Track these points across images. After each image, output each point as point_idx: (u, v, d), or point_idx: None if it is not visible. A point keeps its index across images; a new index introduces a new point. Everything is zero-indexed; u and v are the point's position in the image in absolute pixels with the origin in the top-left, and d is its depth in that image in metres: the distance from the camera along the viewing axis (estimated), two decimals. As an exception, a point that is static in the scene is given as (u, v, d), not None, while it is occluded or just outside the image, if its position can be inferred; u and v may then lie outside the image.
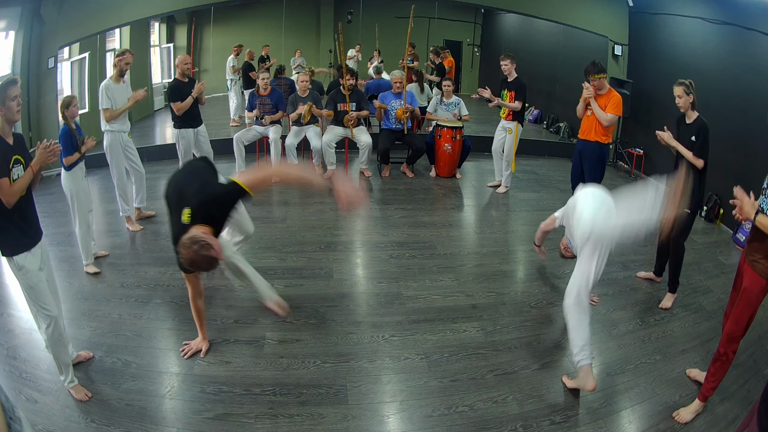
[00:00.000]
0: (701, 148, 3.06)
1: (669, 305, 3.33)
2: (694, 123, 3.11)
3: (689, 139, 3.10)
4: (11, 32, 5.09)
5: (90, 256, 3.48)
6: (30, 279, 2.19)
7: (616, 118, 4.09)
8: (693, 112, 3.14)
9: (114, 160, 4.03)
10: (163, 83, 8.37)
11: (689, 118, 3.16)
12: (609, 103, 4.05)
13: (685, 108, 3.13)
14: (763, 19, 4.40)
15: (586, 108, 4.21)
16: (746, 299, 2.19)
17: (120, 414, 2.24)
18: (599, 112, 4.07)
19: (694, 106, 3.13)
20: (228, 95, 7.90)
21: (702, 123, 3.08)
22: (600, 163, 4.28)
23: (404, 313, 3.09)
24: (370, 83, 6.66)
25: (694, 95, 3.10)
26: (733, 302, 2.36)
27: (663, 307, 3.32)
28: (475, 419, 2.30)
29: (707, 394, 2.33)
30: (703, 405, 2.35)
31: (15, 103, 2.10)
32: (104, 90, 3.89)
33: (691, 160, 3.08)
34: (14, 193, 2.08)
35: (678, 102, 3.12)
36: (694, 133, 3.08)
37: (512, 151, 5.24)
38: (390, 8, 8.35)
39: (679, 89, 3.09)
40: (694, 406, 2.35)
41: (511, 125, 5.16)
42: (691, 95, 3.08)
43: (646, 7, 6.22)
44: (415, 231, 4.30)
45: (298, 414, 2.28)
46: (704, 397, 2.34)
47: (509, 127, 5.17)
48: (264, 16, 8.58)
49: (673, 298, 3.36)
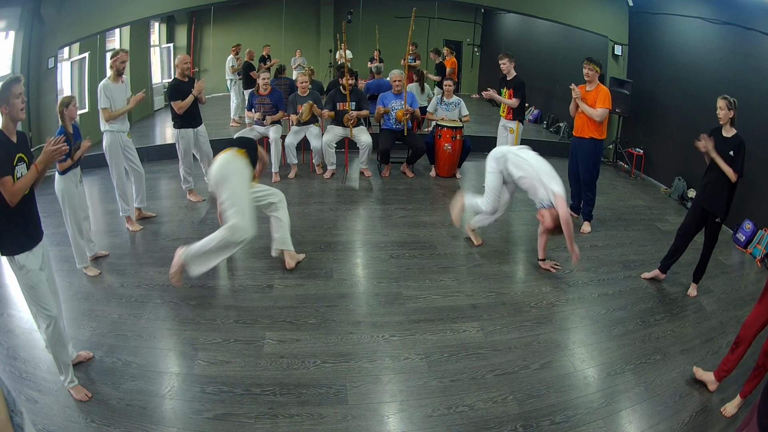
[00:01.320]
0: (741, 165, 3.14)
1: (695, 293, 3.49)
2: (733, 138, 3.17)
3: (727, 153, 3.15)
4: (11, 32, 5.09)
5: (85, 259, 3.46)
6: (31, 279, 2.19)
7: (606, 112, 4.20)
8: (731, 128, 3.18)
9: (113, 160, 4.03)
10: (163, 83, 8.38)
11: (727, 132, 3.20)
12: (597, 98, 4.18)
13: (725, 122, 3.17)
14: (763, 19, 4.40)
15: (577, 107, 4.32)
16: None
17: (120, 414, 2.24)
18: (589, 110, 4.21)
19: (733, 123, 3.18)
20: (228, 95, 7.91)
21: (741, 140, 3.15)
22: (594, 159, 4.38)
23: (404, 313, 3.09)
24: (370, 83, 6.66)
25: (735, 113, 3.14)
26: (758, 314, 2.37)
27: (690, 295, 3.49)
28: (475, 419, 2.30)
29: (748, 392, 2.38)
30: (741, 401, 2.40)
31: (19, 100, 2.10)
32: (103, 89, 3.89)
33: (730, 175, 3.13)
34: (17, 192, 2.07)
35: (719, 113, 3.17)
36: (733, 147, 3.13)
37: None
38: (390, 8, 8.37)
39: (722, 102, 3.15)
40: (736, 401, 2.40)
41: (512, 124, 5.16)
42: (732, 111, 3.13)
43: (646, 7, 6.22)
44: (415, 231, 4.30)
45: (298, 414, 2.28)
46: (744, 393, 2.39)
47: (511, 127, 5.17)
48: (264, 16, 8.59)
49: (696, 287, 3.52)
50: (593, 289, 3.49)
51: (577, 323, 3.12)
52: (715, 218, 3.27)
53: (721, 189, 3.20)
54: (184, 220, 4.43)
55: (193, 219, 4.47)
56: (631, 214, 5.01)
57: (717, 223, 3.29)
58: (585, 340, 2.95)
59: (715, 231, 3.33)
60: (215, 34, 8.46)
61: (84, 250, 3.46)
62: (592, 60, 4.25)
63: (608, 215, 4.87)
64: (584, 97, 4.26)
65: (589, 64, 4.22)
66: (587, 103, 4.23)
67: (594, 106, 4.19)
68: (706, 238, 3.38)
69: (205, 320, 2.95)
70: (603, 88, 4.22)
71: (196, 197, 4.87)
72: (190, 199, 4.86)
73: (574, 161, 4.50)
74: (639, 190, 5.79)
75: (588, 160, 4.37)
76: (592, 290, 3.48)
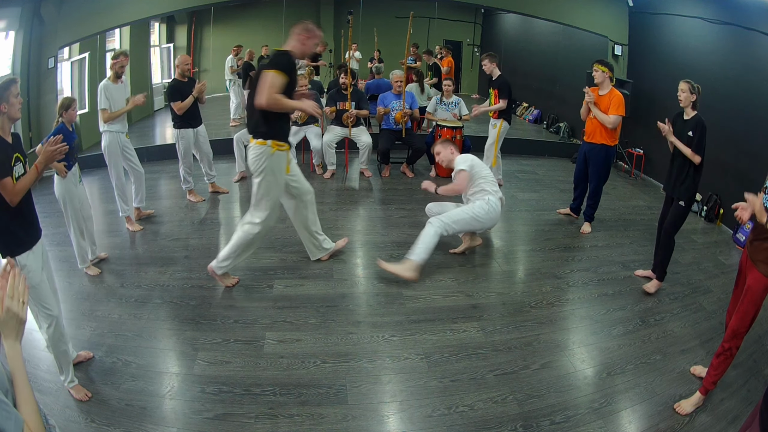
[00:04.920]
0: (698, 145, 3.11)
1: (653, 291, 3.42)
2: (692, 119, 3.16)
3: (686, 135, 3.15)
4: (11, 32, 5.08)
5: (86, 260, 3.46)
6: (32, 278, 2.19)
7: (620, 119, 4.06)
8: (692, 111, 3.18)
9: (112, 161, 4.03)
10: (163, 83, 8.37)
11: (687, 114, 3.20)
12: (611, 104, 4.04)
13: (686, 104, 3.17)
14: (763, 19, 4.40)
15: (589, 111, 4.20)
16: (751, 298, 2.22)
17: (120, 414, 2.24)
18: (602, 116, 4.07)
19: (695, 106, 3.17)
20: (228, 95, 7.90)
21: (700, 120, 3.13)
22: (606, 165, 4.28)
23: (404, 313, 3.09)
24: (370, 83, 6.66)
25: (698, 97, 3.14)
26: (735, 300, 2.40)
27: (647, 290, 3.42)
28: (475, 419, 2.29)
29: (709, 388, 2.36)
30: (703, 398, 2.38)
31: (18, 100, 2.12)
32: (102, 90, 3.89)
33: (689, 156, 3.12)
34: (18, 192, 2.09)
35: (680, 96, 3.16)
36: (692, 128, 3.12)
37: (493, 146, 5.23)
38: (390, 8, 8.35)
39: (684, 85, 3.15)
40: (694, 398, 2.38)
41: (497, 122, 5.16)
42: (694, 95, 3.13)
43: (646, 7, 6.22)
44: (415, 231, 4.26)
45: (298, 414, 2.28)
46: (705, 390, 2.37)
47: (495, 123, 5.17)
48: (264, 16, 8.58)
49: (659, 285, 3.44)
50: (593, 289, 3.49)
51: (577, 323, 3.12)
52: (678, 199, 3.25)
53: (686, 174, 3.19)
54: (184, 220, 4.43)
55: (193, 219, 4.47)
56: (631, 214, 5.01)
57: (681, 207, 3.25)
58: (585, 340, 2.95)
59: (678, 213, 3.27)
60: (215, 34, 8.45)
61: (86, 251, 3.46)
62: (602, 62, 4.08)
63: (608, 215, 4.87)
64: (597, 102, 4.11)
65: (597, 65, 4.05)
66: (600, 109, 4.08)
67: (607, 112, 4.04)
68: (667, 221, 3.33)
69: (205, 320, 2.95)
70: (617, 93, 4.04)
71: (196, 197, 4.87)
72: (190, 199, 4.86)
73: (582, 166, 4.40)
74: (639, 190, 5.79)
75: (600, 166, 4.24)
76: (592, 290, 3.48)
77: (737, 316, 2.25)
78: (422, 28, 8.45)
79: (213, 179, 5.04)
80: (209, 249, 3.86)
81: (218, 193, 5.07)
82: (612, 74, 4.11)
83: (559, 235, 4.40)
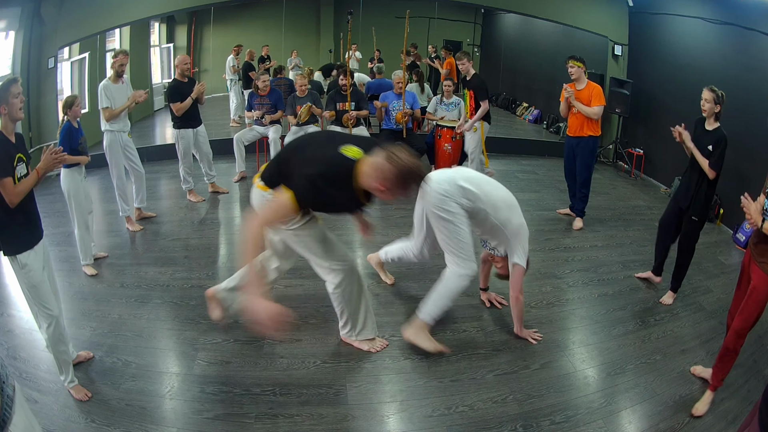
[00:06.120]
0: (718, 161, 2.98)
1: (670, 302, 3.36)
2: (714, 132, 3.01)
3: (705, 147, 3.03)
4: (11, 32, 5.09)
5: (89, 256, 3.47)
6: (33, 278, 2.19)
7: (602, 109, 4.22)
8: (715, 122, 3.05)
9: (113, 160, 4.03)
10: (163, 83, 8.37)
11: (710, 125, 3.07)
12: (593, 96, 4.18)
13: (709, 115, 3.03)
14: (763, 19, 4.40)
15: (569, 108, 4.32)
16: (756, 299, 2.23)
17: (120, 414, 2.24)
18: (587, 109, 4.20)
19: (717, 117, 3.04)
20: (228, 95, 7.90)
21: (723, 135, 2.97)
22: (592, 156, 4.43)
23: (404, 313, 3.09)
24: (371, 83, 6.66)
25: (722, 107, 3.01)
26: (738, 301, 2.39)
27: (663, 302, 3.36)
28: (475, 419, 2.29)
29: (717, 385, 2.39)
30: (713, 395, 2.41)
31: (18, 100, 2.13)
32: (103, 90, 3.89)
33: (705, 169, 3.01)
34: (19, 194, 2.10)
35: (703, 106, 3.02)
36: (713, 142, 2.99)
37: (479, 147, 5.21)
38: (390, 8, 8.35)
39: (708, 94, 2.98)
40: (707, 397, 2.40)
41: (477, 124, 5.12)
42: (719, 105, 2.99)
43: (646, 7, 6.22)
44: (415, 231, 4.29)
45: (298, 414, 2.28)
46: (714, 387, 2.40)
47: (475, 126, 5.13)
48: (264, 16, 8.58)
49: (674, 296, 3.39)
50: (593, 289, 3.49)
51: (577, 323, 3.12)
52: (691, 215, 3.16)
53: (697, 187, 3.08)
54: (184, 220, 4.43)
55: (193, 219, 4.47)
56: (631, 214, 5.01)
57: (694, 222, 3.16)
58: (585, 340, 2.95)
59: (692, 229, 3.19)
60: (215, 34, 8.45)
61: (90, 246, 3.47)
62: (574, 57, 4.24)
63: (608, 215, 4.87)
64: (578, 97, 4.25)
65: (572, 61, 4.22)
66: (582, 103, 4.22)
67: (590, 105, 4.18)
68: (682, 235, 3.26)
69: (205, 320, 2.95)
70: (594, 85, 4.22)
71: (196, 197, 4.87)
72: (190, 199, 4.86)
73: (571, 161, 4.53)
74: (639, 190, 5.79)
75: (588, 157, 4.40)
76: (592, 290, 3.48)
77: (741, 317, 2.26)
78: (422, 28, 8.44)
79: (213, 179, 5.04)
80: (209, 249, 3.86)
81: (218, 193, 5.07)
82: (586, 68, 4.27)
83: (559, 235, 4.40)
